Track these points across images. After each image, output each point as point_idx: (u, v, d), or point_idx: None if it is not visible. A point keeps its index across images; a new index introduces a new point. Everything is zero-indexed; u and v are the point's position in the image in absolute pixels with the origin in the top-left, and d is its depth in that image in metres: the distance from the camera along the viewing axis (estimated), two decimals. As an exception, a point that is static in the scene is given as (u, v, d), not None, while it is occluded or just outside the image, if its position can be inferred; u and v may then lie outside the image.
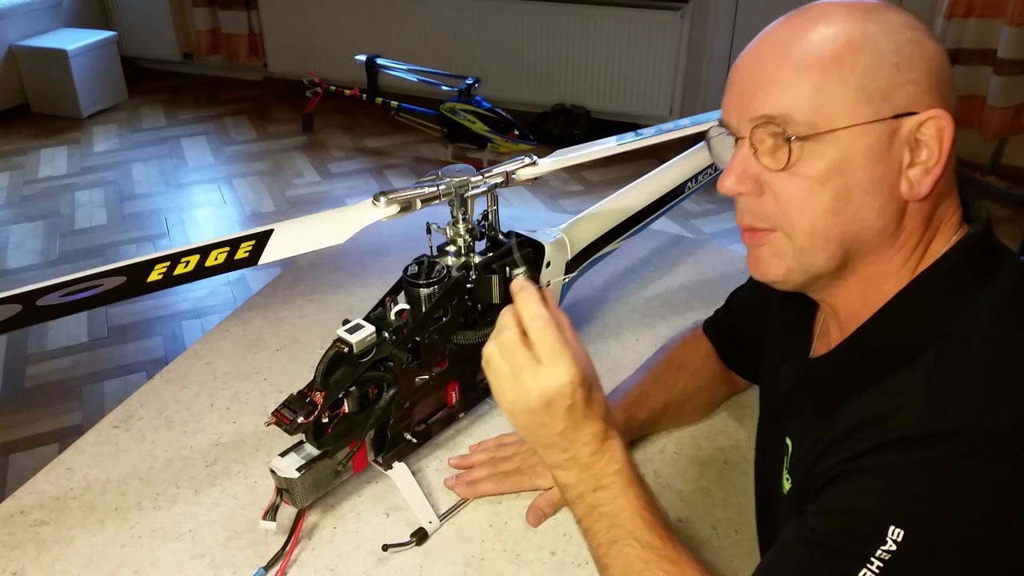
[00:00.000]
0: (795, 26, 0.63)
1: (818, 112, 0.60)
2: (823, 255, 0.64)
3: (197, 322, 2.72)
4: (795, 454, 0.73)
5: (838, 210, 0.62)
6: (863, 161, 0.61)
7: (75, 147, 4.10)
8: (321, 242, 0.86)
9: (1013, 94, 3.31)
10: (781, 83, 0.62)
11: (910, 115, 0.60)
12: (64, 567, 0.86)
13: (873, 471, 0.58)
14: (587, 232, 1.09)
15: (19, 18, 4.35)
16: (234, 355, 1.20)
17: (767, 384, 0.89)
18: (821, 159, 0.61)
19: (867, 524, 0.56)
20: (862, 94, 0.60)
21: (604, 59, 4.05)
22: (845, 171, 0.61)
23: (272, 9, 4.65)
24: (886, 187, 0.62)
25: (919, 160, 0.61)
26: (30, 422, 2.30)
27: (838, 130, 0.60)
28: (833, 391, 0.67)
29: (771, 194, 0.64)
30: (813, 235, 0.63)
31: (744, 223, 0.68)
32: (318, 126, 4.27)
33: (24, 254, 3.16)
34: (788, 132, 0.61)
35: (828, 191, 0.62)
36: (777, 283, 0.69)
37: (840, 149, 0.61)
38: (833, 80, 0.60)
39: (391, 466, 0.91)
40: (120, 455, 1.01)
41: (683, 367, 1.03)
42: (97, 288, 0.76)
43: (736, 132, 0.66)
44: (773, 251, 0.67)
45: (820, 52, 0.61)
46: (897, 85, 0.60)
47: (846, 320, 0.69)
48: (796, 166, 0.62)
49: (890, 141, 0.61)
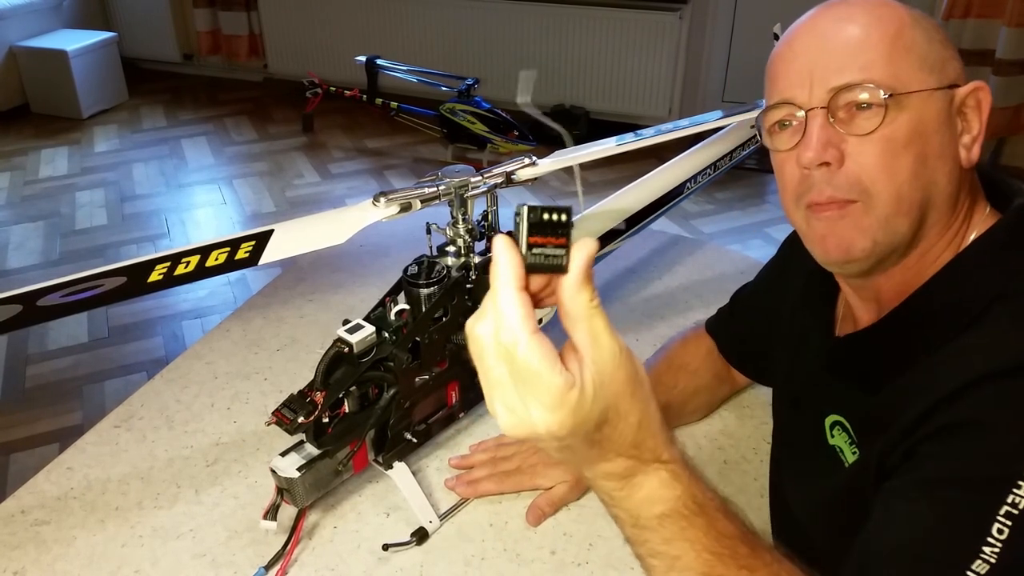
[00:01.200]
0: (847, 9, 0.67)
1: (895, 77, 0.63)
2: (907, 221, 0.65)
3: (197, 322, 2.72)
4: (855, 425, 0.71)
5: (919, 174, 0.64)
6: (936, 126, 0.64)
7: (75, 147, 4.10)
8: (321, 242, 0.86)
9: (1012, 94, 3.32)
10: (858, 52, 0.64)
11: (958, 87, 0.65)
12: (65, 567, 0.86)
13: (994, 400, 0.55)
14: (587, 232, 1.09)
15: (19, 18, 4.35)
16: (234, 355, 1.20)
17: (783, 373, 0.88)
18: (905, 123, 0.63)
19: (1008, 445, 0.53)
20: (925, 63, 0.64)
21: (604, 60, 4.05)
22: (924, 135, 0.64)
23: (272, 10, 4.65)
24: (951, 153, 0.65)
25: (967, 129, 0.65)
26: (31, 422, 2.30)
27: (913, 93, 0.63)
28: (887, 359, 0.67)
29: (854, 162, 0.64)
30: (899, 200, 0.64)
31: (824, 197, 0.66)
32: (318, 127, 4.27)
33: (25, 254, 3.16)
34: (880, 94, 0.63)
35: (910, 154, 0.63)
36: (859, 260, 0.67)
37: (917, 113, 0.64)
38: (900, 50, 0.64)
39: (391, 466, 0.91)
40: (121, 455, 1.01)
41: (683, 367, 1.03)
42: (97, 288, 0.76)
43: (807, 105, 0.66)
44: (854, 223, 0.65)
45: (883, 26, 0.65)
46: (946, 59, 0.65)
47: (890, 298, 0.69)
48: (884, 129, 0.63)
49: (949, 109, 0.65)
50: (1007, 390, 0.55)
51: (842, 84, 0.64)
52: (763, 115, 0.70)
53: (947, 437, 0.57)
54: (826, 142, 0.64)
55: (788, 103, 0.67)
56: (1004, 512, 0.51)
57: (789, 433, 0.83)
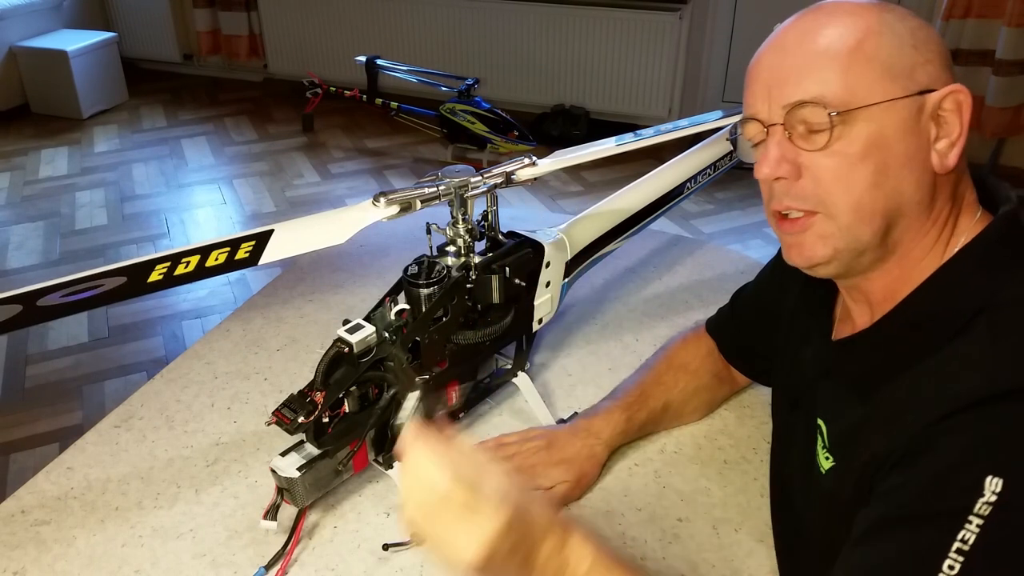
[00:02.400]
0: (815, 18, 0.66)
1: (850, 91, 0.63)
2: (869, 230, 0.66)
3: (197, 322, 2.72)
4: (832, 432, 0.72)
5: (879, 184, 0.64)
6: (898, 135, 0.64)
7: (75, 147, 4.11)
8: (321, 242, 0.86)
9: (1012, 94, 3.32)
10: (812, 69, 0.65)
11: (931, 91, 0.64)
12: (65, 567, 0.86)
13: (956, 432, 0.56)
14: (587, 232, 1.09)
15: (19, 19, 4.35)
16: (234, 355, 1.20)
17: (783, 373, 0.88)
18: (858, 136, 0.64)
19: (962, 480, 0.54)
20: (888, 73, 0.63)
21: (604, 60, 4.05)
22: (882, 146, 0.64)
23: (272, 10, 4.65)
24: (920, 160, 0.65)
25: (944, 134, 0.65)
26: (30, 422, 2.30)
27: (871, 106, 0.63)
28: (874, 367, 0.68)
29: (810, 176, 0.66)
30: (858, 210, 0.65)
31: (782, 207, 0.68)
32: (318, 127, 4.27)
33: (25, 254, 3.16)
34: (829, 112, 0.64)
35: (868, 166, 0.64)
36: (822, 265, 0.69)
37: (876, 125, 0.63)
38: (860, 62, 0.63)
39: (391, 465, 0.91)
40: (121, 455, 1.01)
41: (684, 367, 1.03)
42: (97, 288, 0.76)
43: (768, 121, 0.68)
44: (817, 234, 0.67)
45: (844, 37, 0.64)
46: (918, 64, 0.64)
47: (881, 301, 0.70)
48: (835, 144, 0.64)
49: (918, 116, 0.64)
50: (966, 423, 0.56)
51: (794, 102, 0.65)
52: (740, 127, 0.72)
53: (907, 469, 0.59)
54: (780, 158, 0.66)
55: (753, 118, 0.69)
56: (955, 548, 0.53)
57: (787, 434, 0.83)
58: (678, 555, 0.87)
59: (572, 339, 1.23)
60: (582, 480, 0.94)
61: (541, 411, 1.06)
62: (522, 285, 0.97)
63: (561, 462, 0.94)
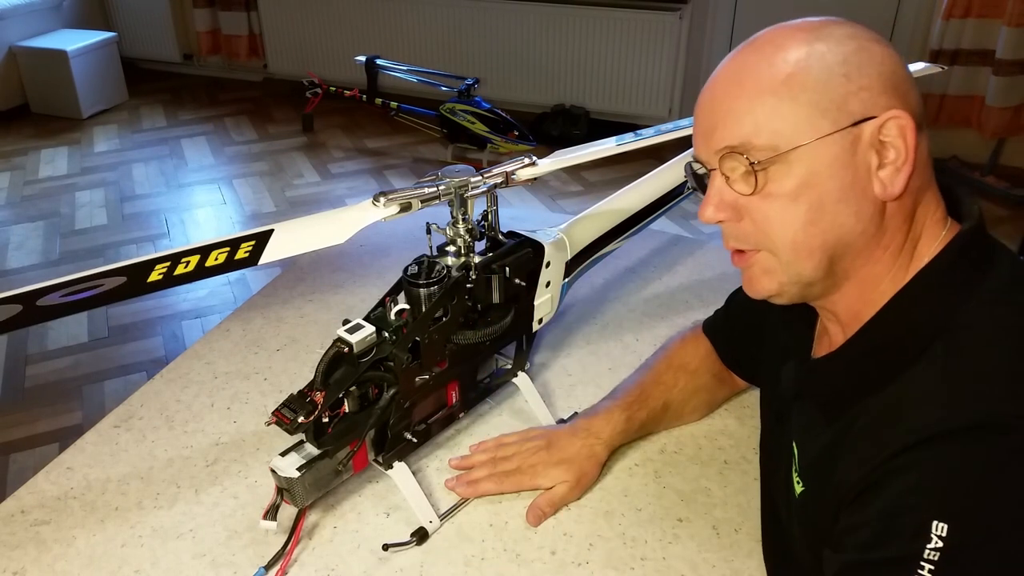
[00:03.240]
0: (745, 57, 0.66)
1: (777, 134, 0.63)
2: (810, 264, 0.66)
3: (197, 322, 2.72)
4: (803, 458, 0.73)
5: (815, 220, 0.64)
6: (830, 172, 0.63)
7: (75, 147, 4.10)
8: (321, 242, 0.86)
9: (1012, 94, 3.32)
10: (737, 113, 0.64)
11: (869, 120, 0.62)
12: (65, 567, 0.86)
13: (904, 471, 0.57)
14: (587, 232, 1.09)
15: (19, 19, 4.35)
16: (234, 355, 1.20)
17: (769, 385, 0.89)
18: (789, 177, 0.63)
19: (909, 524, 0.55)
20: (816, 109, 0.62)
21: (604, 60, 4.05)
22: (814, 184, 0.63)
23: (272, 10, 4.65)
24: (858, 191, 0.63)
25: (887, 161, 0.63)
26: (30, 422, 2.30)
27: (799, 147, 0.62)
28: (838, 392, 0.68)
29: (749, 217, 0.67)
30: (796, 248, 0.65)
31: (729, 246, 0.70)
32: (318, 127, 4.27)
33: (24, 254, 3.16)
34: (751, 158, 0.64)
35: (802, 205, 0.64)
36: (774, 297, 0.71)
37: (806, 165, 0.63)
38: (786, 101, 0.62)
39: (391, 466, 0.91)
40: (120, 455, 1.01)
41: (683, 367, 1.03)
42: (97, 288, 0.76)
43: (707, 165, 0.68)
44: (762, 269, 0.69)
45: (770, 77, 0.63)
46: (850, 93, 0.62)
47: (848, 322, 0.70)
48: (766, 188, 0.64)
49: (854, 148, 0.62)
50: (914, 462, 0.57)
51: (722, 147, 0.65)
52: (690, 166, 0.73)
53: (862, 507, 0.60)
54: (719, 202, 0.68)
55: (696, 159, 0.70)
56: None
57: (775, 446, 0.83)
58: (678, 555, 0.87)
59: (572, 339, 1.23)
60: (582, 480, 0.94)
61: (541, 411, 1.06)
62: (522, 285, 0.97)
63: (561, 462, 0.94)
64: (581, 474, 0.94)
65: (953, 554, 0.53)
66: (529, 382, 1.07)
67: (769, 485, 0.87)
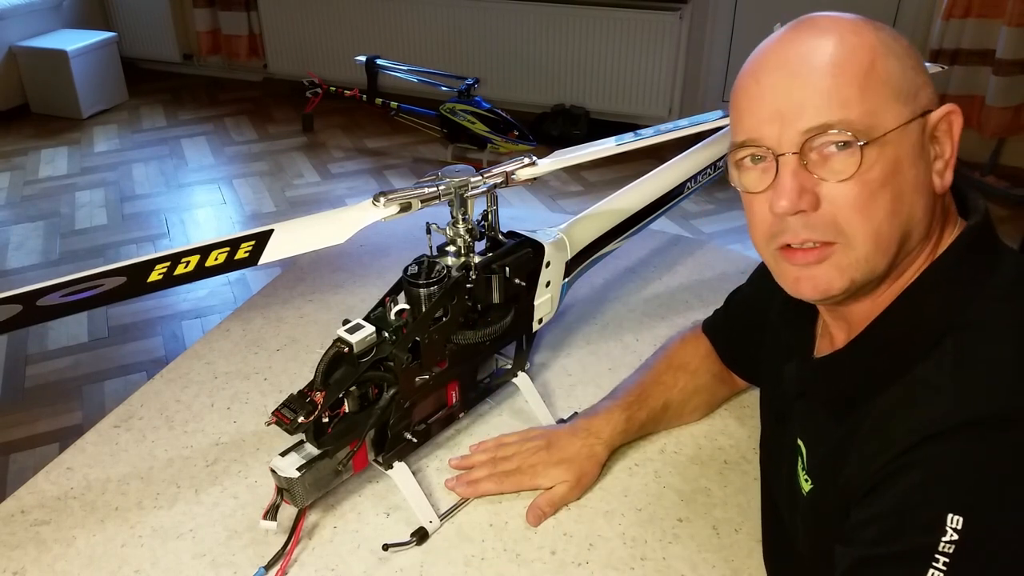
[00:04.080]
0: (814, 38, 0.63)
1: (872, 116, 0.61)
2: (885, 259, 0.64)
3: (197, 322, 2.72)
4: (811, 456, 0.73)
5: (897, 211, 0.62)
6: (911, 160, 0.62)
7: (75, 147, 4.10)
8: (321, 242, 0.86)
9: (1012, 94, 3.32)
10: (829, 92, 0.61)
11: (930, 112, 0.63)
12: (65, 567, 0.86)
13: (916, 466, 0.57)
14: (587, 232, 1.09)
15: (19, 19, 4.35)
16: (234, 355, 1.20)
17: (770, 385, 0.89)
18: (879, 162, 0.61)
19: (923, 518, 0.55)
20: (899, 95, 0.62)
21: (604, 60, 4.05)
22: (899, 172, 0.62)
23: (272, 10, 4.65)
24: (927, 183, 0.64)
25: (939, 154, 0.64)
26: (30, 422, 2.30)
27: (891, 132, 0.61)
28: (848, 389, 0.67)
29: (830, 205, 0.62)
30: (878, 240, 0.63)
31: (799, 240, 0.64)
32: (318, 126, 4.27)
33: (24, 254, 3.16)
34: (856, 138, 0.60)
35: (888, 194, 0.62)
36: (834, 297, 0.66)
37: (893, 150, 0.62)
38: (875, 83, 0.61)
39: (391, 466, 0.91)
40: (120, 455, 1.01)
41: (683, 366, 1.03)
42: (97, 288, 0.76)
43: (778, 149, 0.63)
44: (835, 264, 0.64)
45: (856, 59, 0.61)
46: (919, 85, 0.63)
47: (858, 322, 0.69)
48: (861, 172, 0.61)
49: (922, 139, 0.63)
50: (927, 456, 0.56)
51: (816, 126, 0.61)
52: (731, 153, 0.68)
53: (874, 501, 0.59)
54: (800, 189, 0.62)
55: (756, 144, 0.65)
56: None
57: (776, 446, 0.83)
58: (678, 555, 0.87)
59: (572, 339, 1.23)
60: (582, 480, 0.94)
61: (541, 411, 1.06)
62: (522, 285, 0.97)
63: (561, 462, 0.94)
64: (581, 474, 0.94)
65: (968, 547, 0.53)
66: (529, 382, 1.07)
67: (770, 485, 0.87)
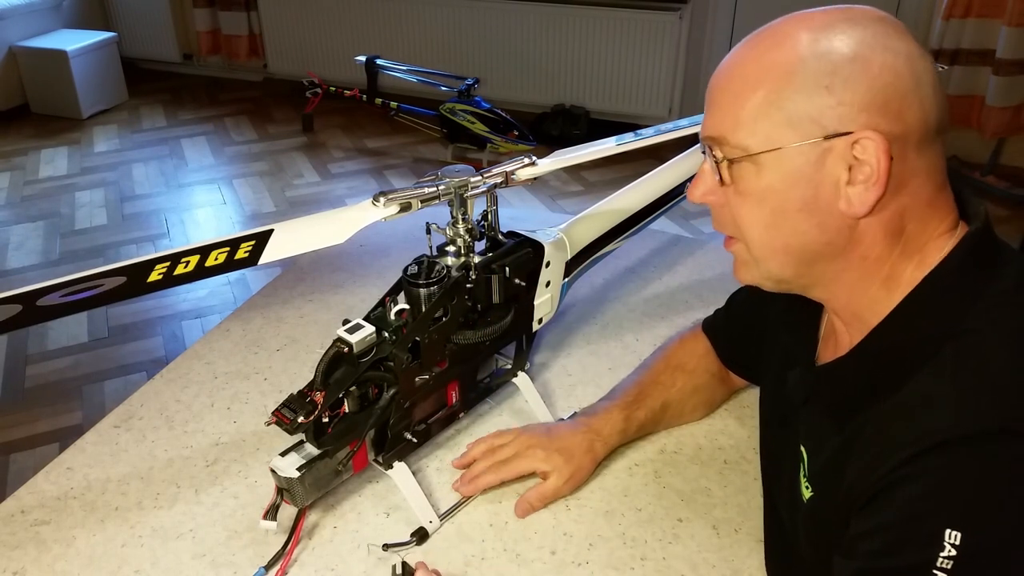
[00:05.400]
0: (747, 51, 0.66)
1: (752, 135, 0.63)
2: (775, 264, 0.68)
3: (197, 322, 2.72)
4: (812, 463, 0.73)
5: (776, 225, 0.65)
6: (792, 182, 0.63)
7: (75, 147, 4.10)
8: (321, 242, 0.86)
9: (1012, 94, 3.32)
10: (722, 107, 0.65)
11: (841, 135, 0.60)
12: (64, 567, 0.86)
13: (916, 479, 0.56)
14: (587, 232, 1.09)
15: (19, 19, 4.35)
16: (234, 355, 1.20)
17: (771, 387, 0.89)
18: (756, 179, 0.65)
19: (922, 532, 0.55)
20: (789, 119, 0.61)
21: (604, 59, 4.05)
22: (777, 190, 0.64)
23: (272, 10, 4.65)
24: (822, 205, 0.63)
25: (859, 179, 0.61)
26: (30, 422, 2.30)
27: (768, 152, 0.63)
28: (849, 397, 0.67)
29: (728, 206, 0.68)
30: (761, 246, 0.67)
31: (714, 227, 0.72)
32: (318, 126, 4.27)
33: (24, 254, 3.16)
34: (723, 154, 0.65)
35: (765, 208, 0.65)
36: (751, 285, 0.72)
37: (771, 170, 0.63)
38: (764, 104, 0.62)
39: (391, 466, 0.91)
40: (120, 455, 1.01)
41: (681, 366, 1.03)
42: (97, 288, 0.76)
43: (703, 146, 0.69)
44: (740, 259, 0.71)
45: (755, 78, 0.63)
46: (828, 107, 0.60)
47: (850, 320, 0.69)
48: (737, 185, 0.66)
49: (821, 162, 0.61)
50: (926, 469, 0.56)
51: (706, 136, 0.67)
52: None
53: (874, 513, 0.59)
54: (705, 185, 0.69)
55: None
56: None
57: (777, 449, 0.83)
58: (678, 555, 0.87)
59: (572, 339, 1.23)
60: (576, 474, 0.94)
61: (541, 411, 1.06)
62: (522, 285, 0.97)
63: (560, 449, 0.94)
64: (577, 467, 0.94)
65: (966, 562, 0.53)
66: (529, 382, 1.07)
67: (770, 488, 0.87)
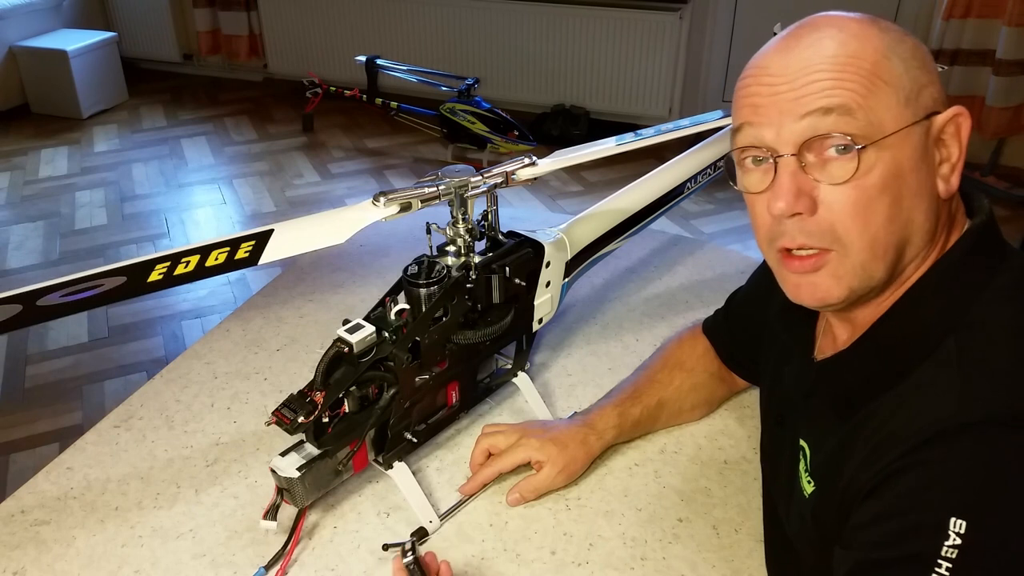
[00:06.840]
0: (816, 39, 0.62)
1: (871, 119, 0.60)
2: (883, 266, 0.63)
3: (197, 322, 2.72)
4: (815, 457, 0.72)
5: (894, 217, 0.61)
6: (912, 164, 0.61)
7: (75, 147, 4.10)
8: (321, 242, 0.86)
9: (1012, 94, 3.31)
10: (832, 95, 0.60)
11: (935, 115, 0.61)
12: (64, 567, 0.86)
13: (918, 467, 0.56)
14: (587, 232, 1.09)
15: (19, 18, 4.34)
16: (234, 355, 1.20)
17: (770, 385, 0.89)
18: (878, 167, 0.60)
19: (926, 522, 0.54)
20: (901, 97, 0.60)
21: (604, 59, 4.05)
22: (899, 177, 0.61)
23: (272, 10, 4.65)
24: (929, 187, 0.62)
25: (945, 158, 0.62)
26: (30, 422, 2.30)
27: (891, 135, 0.60)
28: (851, 390, 0.67)
29: (827, 211, 0.61)
30: (874, 247, 0.62)
31: (795, 244, 0.64)
32: (318, 126, 4.27)
33: (24, 254, 3.16)
34: (854, 142, 0.59)
35: (886, 199, 0.60)
36: (833, 305, 0.66)
37: (893, 155, 0.60)
38: (879, 85, 0.60)
39: (391, 466, 0.91)
40: (120, 455, 1.01)
41: (679, 365, 1.03)
42: (97, 288, 0.76)
43: (777, 150, 0.63)
44: (831, 273, 0.63)
45: (859, 61, 0.60)
46: (923, 86, 0.61)
47: (862, 321, 0.69)
48: (855, 179, 0.60)
49: (926, 142, 0.62)
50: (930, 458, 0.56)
51: (815, 131, 0.61)
52: (732, 152, 0.67)
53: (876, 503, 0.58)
54: (797, 192, 0.61)
55: (756, 145, 0.64)
56: None
57: (776, 448, 0.83)
58: (678, 555, 0.87)
59: (572, 339, 1.23)
60: (570, 465, 0.93)
61: (541, 411, 1.06)
62: (522, 285, 0.97)
63: (555, 440, 0.94)
64: (571, 458, 0.93)
65: (971, 551, 0.52)
66: (529, 382, 1.07)
67: (769, 486, 0.87)
